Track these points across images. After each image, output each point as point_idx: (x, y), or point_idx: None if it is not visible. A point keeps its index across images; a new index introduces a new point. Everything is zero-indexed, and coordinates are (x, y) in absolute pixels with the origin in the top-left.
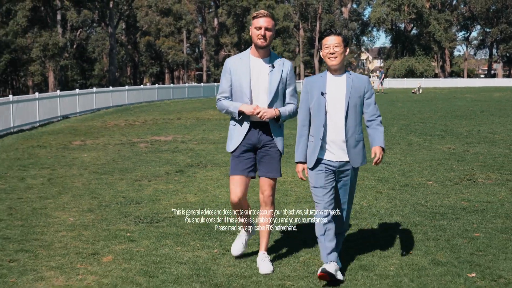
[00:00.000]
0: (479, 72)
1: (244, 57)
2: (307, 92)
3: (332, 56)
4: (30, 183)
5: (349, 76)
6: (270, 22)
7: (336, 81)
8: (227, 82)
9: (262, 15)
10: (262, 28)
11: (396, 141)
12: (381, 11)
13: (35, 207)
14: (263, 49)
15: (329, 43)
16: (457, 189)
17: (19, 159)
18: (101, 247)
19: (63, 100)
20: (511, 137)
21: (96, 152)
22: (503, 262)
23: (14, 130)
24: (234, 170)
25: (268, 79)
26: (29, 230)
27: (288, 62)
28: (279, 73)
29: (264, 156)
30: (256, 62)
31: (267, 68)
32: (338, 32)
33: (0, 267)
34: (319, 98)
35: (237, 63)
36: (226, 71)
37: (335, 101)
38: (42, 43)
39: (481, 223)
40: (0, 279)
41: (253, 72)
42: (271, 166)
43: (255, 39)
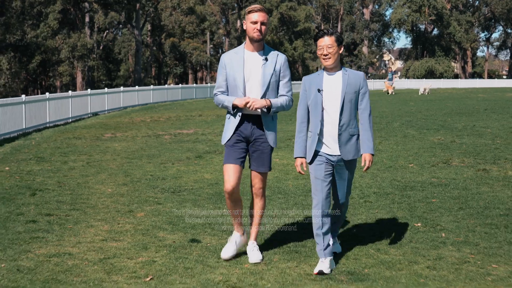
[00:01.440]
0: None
1: (239, 52)
2: (305, 90)
3: (325, 57)
4: (72, 166)
5: (345, 72)
6: (265, 16)
7: (332, 78)
8: (222, 77)
9: (257, 10)
10: (258, 23)
11: (393, 134)
12: (402, 13)
13: (79, 182)
14: (258, 42)
15: (323, 44)
16: (432, 170)
17: (59, 147)
18: (135, 207)
19: (93, 98)
20: (501, 131)
21: (126, 142)
22: (446, 218)
23: (50, 125)
24: (228, 159)
25: (261, 71)
26: (77, 197)
27: (282, 55)
28: (272, 66)
29: (255, 151)
30: (250, 55)
31: (261, 61)
32: (331, 32)
33: (59, 219)
34: (316, 95)
35: (232, 58)
36: (221, 66)
37: (331, 97)
38: (71, 45)
39: (440, 193)
40: (60, 226)
41: (246, 66)
42: (261, 161)
43: (250, 33)
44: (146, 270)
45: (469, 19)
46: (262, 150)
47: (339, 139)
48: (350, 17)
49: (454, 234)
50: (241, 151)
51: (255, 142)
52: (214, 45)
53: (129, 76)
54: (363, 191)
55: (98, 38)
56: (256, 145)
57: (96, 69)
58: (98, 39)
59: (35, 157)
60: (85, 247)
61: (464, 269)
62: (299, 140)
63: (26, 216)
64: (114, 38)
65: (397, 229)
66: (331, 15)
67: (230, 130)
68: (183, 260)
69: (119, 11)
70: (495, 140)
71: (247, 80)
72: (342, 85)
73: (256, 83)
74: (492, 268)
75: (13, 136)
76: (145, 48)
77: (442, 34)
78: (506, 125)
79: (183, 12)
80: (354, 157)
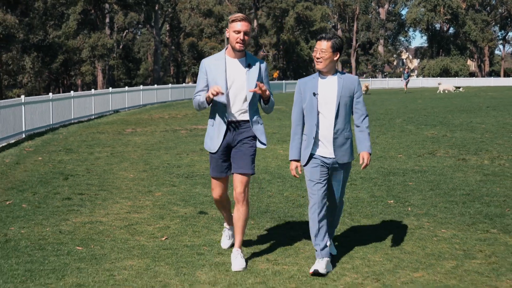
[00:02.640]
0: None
1: (220, 58)
2: (300, 93)
3: (317, 60)
4: (97, 156)
5: (340, 76)
6: (248, 26)
7: (327, 82)
8: (203, 82)
9: (240, 19)
10: (241, 32)
11: (392, 129)
12: (417, 12)
13: (104, 169)
14: (242, 51)
15: (318, 47)
16: (417, 159)
17: (85, 141)
18: (153, 188)
19: (114, 96)
20: (494, 126)
21: (145, 136)
22: (416, 197)
23: (75, 121)
24: (214, 171)
25: (246, 78)
26: (104, 181)
27: (263, 63)
28: (256, 73)
29: (237, 152)
30: (232, 62)
31: (243, 68)
32: (329, 38)
33: (90, 197)
34: (311, 99)
35: (212, 64)
36: (202, 72)
37: (326, 101)
38: (92, 44)
39: (418, 178)
40: (91, 202)
41: (229, 72)
42: (242, 162)
43: (233, 43)
44: (162, 233)
45: (485, 18)
46: (243, 151)
47: (334, 142)
48: (365, 17)
49: (418, 208)
50: (226, 163)
51: (237, 144)
52: None
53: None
54: (351, 176)
55: (118, 38)
56: (238, 147)
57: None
58: (118, 39)
59: (64, 149)
60: (113, 217)
61: (418, 233)
62: (294, 143)
63: (62, 195)
64: (134, 38)
65: (372, 205)
66: (347, 15)
67: (217, 138)
68: (192, 226)
69: (138, 12)
70: (484, 134)
71: (230, 87)
72: (337, 89)
73: (240, 90)
74: (441, 232)
75: (42, 131)
76: (163, 48)
77: (458, 33)
78: (501, 121)
79: (201, 13)
80: (348, 160)
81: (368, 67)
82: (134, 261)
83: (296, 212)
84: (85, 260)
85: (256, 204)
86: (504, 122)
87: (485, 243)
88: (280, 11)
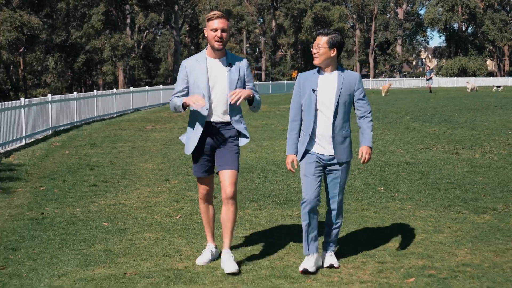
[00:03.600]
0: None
1: (201, 58)
2: (299, 87)
3: (314, 55)
4: (120, 150)
5: (340, 73)
6: (225, 23)
7: (328, 79)
8: (183, 83)
9: (216, 17)
10: (218, 30)
11: (397, 126)
12: (435, 12)
13: (126, 161)
14: (221, 50)
15: (316, 43)
16: (414, 153)
17: (108, 136)
18: (170, 177)
19: (135, 95)
20: (496, 124)
21: (164, 133)
22: (404, 184)
23: (97, 119)
24: (196, 172)
25: (227, 78)
26: (126, 171)
27: (244, 60)
28: (237, 72)
29: (221, 151)
30: (213, 62)
31: (225, 68)
32: (325, 33)
33: (113, 184)
34: (310, 95)
35: (193, 65)
36: (182, 73)
37: (325, 98)
38: (113, 45)
39: (410, 169)
40: (115, 188)
41: (210, 73)
42: (226, 159)
43: (211, 42)
44: (177, 213)
45: (504, 17)
46: (228, 149)
47: (333, 141)
48: (383, 17)
49: (404, 194)
50: (209, 161)
51: (221, 145)
52: (251, 44)
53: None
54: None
55: (138, 38)
56: (222, 146)
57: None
58: (139, 39)
59: (88, 144)
60: (134, 200)
61: (399, 213)
62: (292, 137)
63: (89, 182)
64: (154, 38)
65: (364, 191)
66: (366, 15)
67: (194, 139)
68: None
69: (158, 12)
70: (483, 131)
71: (212, 88)
72: (337, 86)
73: (222, 90)
74: (419, 213)
75: (67, 128)
76: (183, 48)
77: (476, 32)
78: (504, 120)
79: None
80: (347, 159)
81: (385, 66)
82: (152, 234)
83: (296, 196)
84: (110, 233)
85: (261, 190)
86: (507, 120)
87: (455, 221)
88: (298, 12)
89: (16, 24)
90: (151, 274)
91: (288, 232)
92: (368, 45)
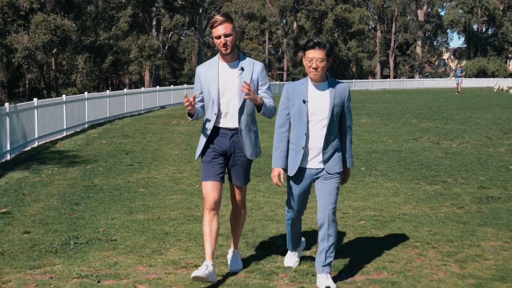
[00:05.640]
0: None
1: (213, 63)
2: (287, 98)
3: (315, 71)
4: (149, 140)
5: (331, 84)
6: (228, 26)
7: (318, 90)
8: (197, 89)
9: (218, 23)
10: (221, 37)
11: (396, 121)
12: (454, 14)
13: (155, 148)
14: (229, 55)
15: (312, 57)
16: (401, 143)
17: (138, 129)
18: (192, 160)
19: (161, 94)
20: (487, 121)
21: (188, 127)
22: (383, 165)
23: (127, 115)
24: (206, 176)
25: (238, 82)
26: (155, 155)
27: (258, 63)
28: (249, 75)
29: (233, 166)
30: (224, 67)
31: (236, 71)
32: (323, 45)
33: (146, 164)
34: (301, 106)
35: (206, 70)
36: (197, 79)
37: (318, 109)
38: (140, 46)
39: (393, 155)
40: (147, 168)
41: (221, 77)
42: (238, 175)
43: (218, 48)
44: (197, 183)
45: None
46: (240, 164)
47: (324, 153)
48: (403, 18)
49: (380, 172)
50: (219, 167)
51: (234, 155)
52: (273, 45)
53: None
54: None
55: (163, 39)
56: (235, 160)
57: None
58: (164, 40)
59: (122, 135)
60: (163, 175)
61: (370, 184)
62: (279, 150)
63: (125, 163)
64: (179, 39)
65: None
66: (386, 16)
67: (201, 143)
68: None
69: (183, 14)
70: (471, 126)
71: (223, 93)
72: (329, 98)
73: (233, 95)
74: (386, 184)
75: (101, 122)
76: (207, 49)
77: (495, 34)
78: (497, 117)
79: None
80: (339, 170)
81: (405, 67)
82: (177, 196)
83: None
84: (146, 195)
85: (265, 169)
86: (499, 118)
87: (411, 189)
88: (319, 13)
89: (50, 27)
90: (177, 218)
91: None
92: (388, 46)
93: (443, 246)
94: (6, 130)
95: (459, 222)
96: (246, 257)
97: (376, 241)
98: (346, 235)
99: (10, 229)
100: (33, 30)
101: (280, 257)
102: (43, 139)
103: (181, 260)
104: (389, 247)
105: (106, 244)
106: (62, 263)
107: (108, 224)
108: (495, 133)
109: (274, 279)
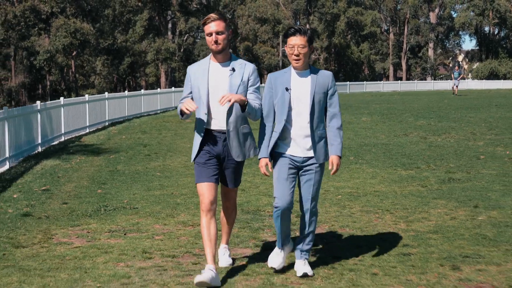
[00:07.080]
0: None
1: (204, 63)
2: (271, 88)
3: (297, 58)
4: (165, 135)
5: (313, 72)
6: (220, 24)
7: (301, 77)
8: (187, 89)
9: (211, 20)
10: (213, 34)
11: (394, 120)
12: (466, 16)
13: (170, 142)
14: (220, 53)
15: (294, 43)
16: (391, 138)
17: (155, 126)
18: None
19: (176, 95)
20: (480, 119)
21: None
22: (369, 155)
23: (144, 114)
24: (200, 177)
25: (228, 82)
26: (170, 148)
27: (250, 65)
28: (239, 76)
29: (226, 169)
30: (215, 67)
31: (227, 72)
32: (304, 31)
33: (162, 155)
34: (284, 94)
35: (196, 70)
36: (187, 79)
37: (300, 97)
38: (156, 48)
39: (381, 147)
40: (163, 157)
41: (211, 77)
42: (231, 178)
43: (209, 46)
44: None
45: None
46: (232, 168)
47: (308, 141)
48: (415, 21)
49: (365, 161)
50: (214, 168)
51: (227, 160)
52: None
53: None
54: None
55: (179, 42)
56: (228, 163)
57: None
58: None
59: (140, 131)
60: (177, 163)
61: (354, 169)
62: (264, 140)
63: (144, 154)
64: (194, 42)
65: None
66: (399, 18)
67: (195, 147)
68: None
69: (198, 18)
70: (461, 123)
71: (213, 92)
72: (311, 85)
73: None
74: (368, 169)
75: (120, 120)
76: None
77: (507, 36)
78: (491, 116)
79: (257, 19)
80: (323, 161)
81: (416, 69)
82: (188, 178)
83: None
84: (162, 178)
85: None
86: (492, 117)
87: (388, 174)
88: (331, 16)
89: (70, 30)
90: (187, 194)
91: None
92: (401, 48)
93: (399, 212)
94: (38, 125)
95: (419, 196)
96: (240, 220)
97: (346, 209)
98: (323, 205)
99: (51, 201)
100: (54, 34)
101: (268, 218)
102: (69, 134)
103: (189, 221)
104: (355, 213)
105: (130, 210)
106: (96, 222)
107: (131, 197)
108: (481, 130)
109: (260, 233)
